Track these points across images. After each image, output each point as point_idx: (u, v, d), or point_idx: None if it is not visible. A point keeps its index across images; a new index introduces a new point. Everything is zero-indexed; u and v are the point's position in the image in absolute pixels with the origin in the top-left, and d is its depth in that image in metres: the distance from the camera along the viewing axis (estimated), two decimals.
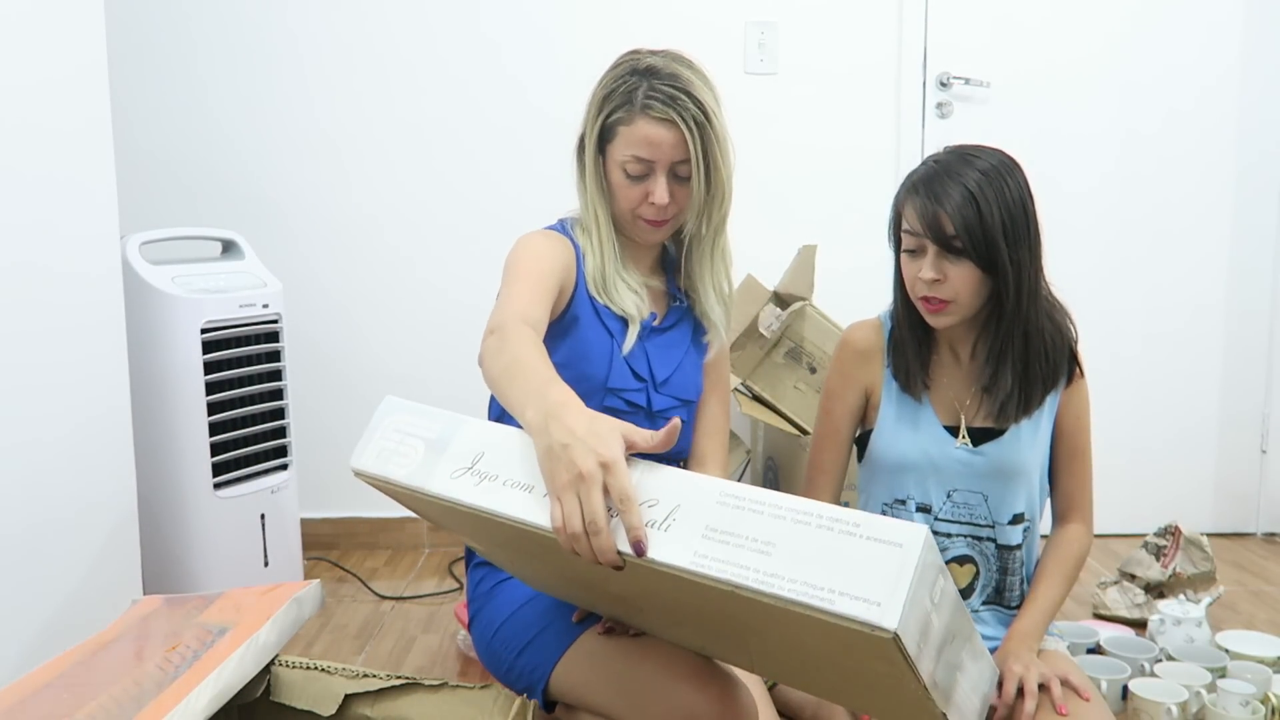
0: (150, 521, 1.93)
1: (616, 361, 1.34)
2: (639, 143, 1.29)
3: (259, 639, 0.92)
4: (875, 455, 1.43)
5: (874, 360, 1.44)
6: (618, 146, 1.31)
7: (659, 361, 1.39)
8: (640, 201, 1.32)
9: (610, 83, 1.33)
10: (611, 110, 1.31)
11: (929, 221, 1.30)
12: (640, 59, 1.32)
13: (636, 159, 1.29)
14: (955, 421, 1.40)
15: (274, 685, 0.97)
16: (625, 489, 0.82)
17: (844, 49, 2.63)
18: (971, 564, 1.41)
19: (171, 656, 0.90)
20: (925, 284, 1.33)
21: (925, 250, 1.32)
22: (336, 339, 2.65)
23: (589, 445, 0.83)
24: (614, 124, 1.31)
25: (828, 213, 2.66)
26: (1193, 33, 2.65)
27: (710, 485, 0.83)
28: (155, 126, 2.57)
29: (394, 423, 0.97)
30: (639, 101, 1.28)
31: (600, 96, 1.34)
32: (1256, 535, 2.79)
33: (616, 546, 0.82)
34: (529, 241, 1.32)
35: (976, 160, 1.31)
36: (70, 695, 0.85)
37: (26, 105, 1.45)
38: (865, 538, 0.76)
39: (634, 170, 1.30)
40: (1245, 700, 1.57)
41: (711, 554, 0.79)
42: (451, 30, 2.58)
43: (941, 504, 1.40)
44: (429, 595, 2.36)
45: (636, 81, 1.30)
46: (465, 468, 0.91)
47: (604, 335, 1.35)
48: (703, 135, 1.28)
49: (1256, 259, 2.72)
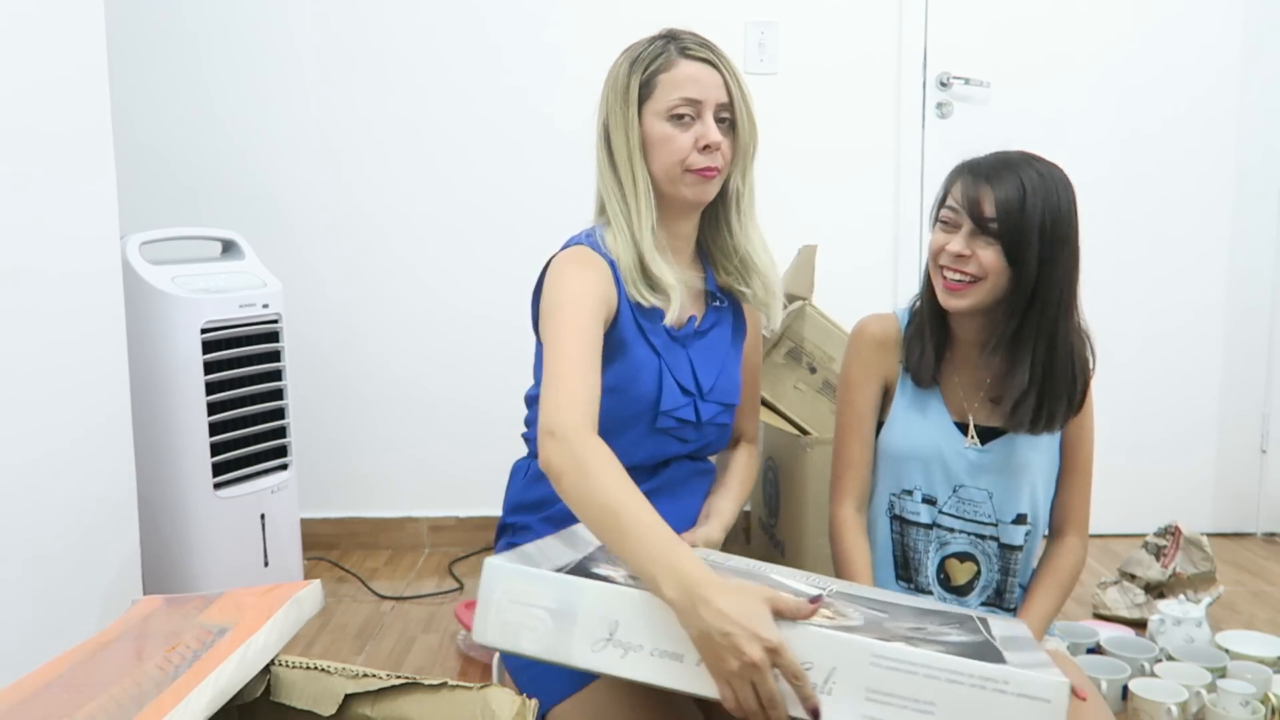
0: (150, 521, 1.93)
1: (666, 381, 1.32)
2: (685, 83, 1.29)
3: (259, 639, 0.92)
4: (885, 446, 1.44)
5: (890, 351, 1.45)
6: (660, 96, 1.30)
7: (703, 368, 1.37)
8: (689, 150, 1.29)
9: (633, 52, 1.34)
10: (648, 65, 1.31)
11: (971, 197, 1.31)
12: (657, 34, 1.35)
13: (685, 100, 1.28)
14: (965, 419, 1.42)
15: (274, 685, 0.97)
16: (794, 668, 0.88)
17: (844, 49, 2.63)
18: (973, 561, 1.42)
19: (171, 656, 0.90)
20: (951, 257, 1.33)
21: (960, 226, 1.33)
22: (337, 339, 2.65)
23: (750, 631, 0.88)
24: (653, 75, 1.30)
25: (828, 212, 2.66)
26: (1193, 33, 2.65)
27: (860, 646, 0.89)
28: (155, 126, 2.57)
29: (506, 592, 0.98)
30: (675, 49, 1.31)
31: (626, 65, 1.33)
32: (1256, 535, 2.79)
33: (789, 713, 0.90)
34: (566, 281, 1.24)
35: (1039, 164, 1.34)
36: (70, 695, 0.85)
37: (27, 105, 1.45)
38: (1016, 694, 0.85)
39: (684, 112, 1.29)
40: (1245, 700, 1.57)
41: (877, 715, 0.88)
42: (451, 31, 2.58)
43: (947, 498, 1.41)
44: (429, 595, 2.36)
45: (664, 40, 1.32)
46: (604, 639, 0.94)
47: (650, 355, 1.32)
48: (739, 80, 1.32)
49: (1256, 259, 2.72)
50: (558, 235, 1.43)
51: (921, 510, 1.42)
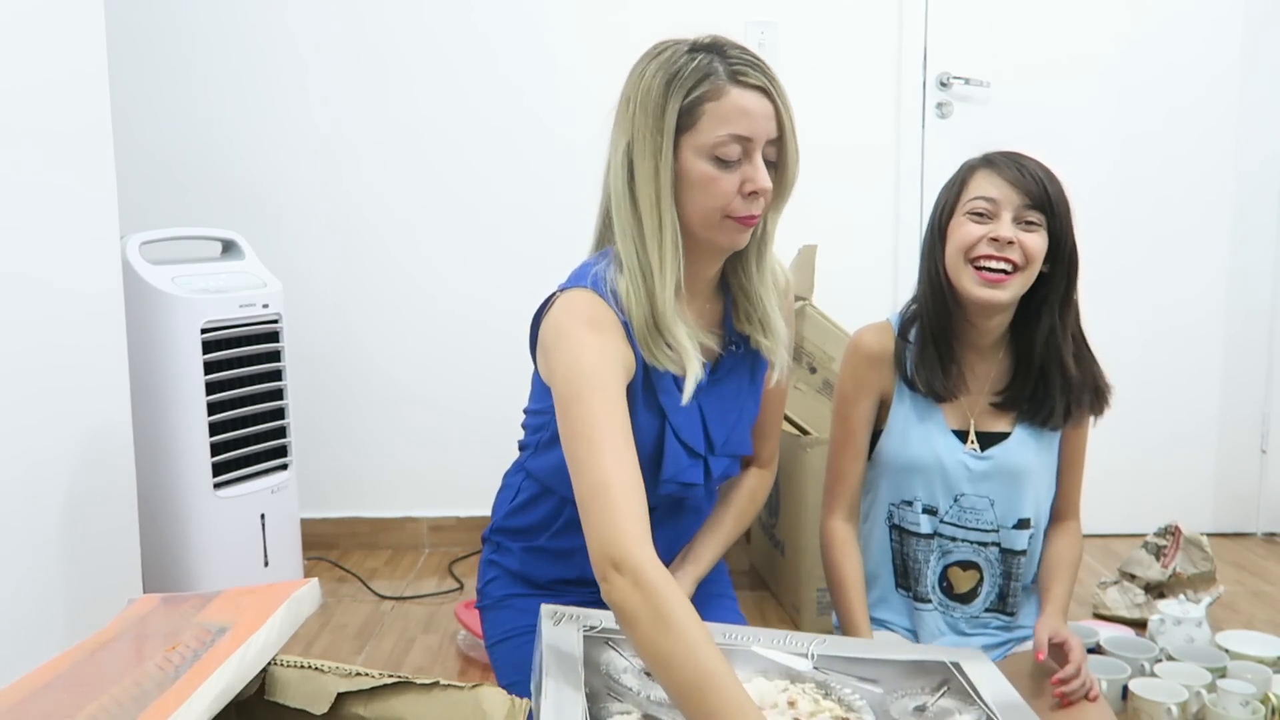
0: (150, 521, 1.93)
1: (670, 447, 1.19)
2: (736, 116, 1.08)
3: (259, 638, 0.92)
4: (884, 456, 1.42)
5: (886, 364, 1.41)
6: (705, 130, 1.09)
7: (715, 421, 1.24)
8: (733, 196, 1.10)
9: (668, 66, 1.10)
10: (691, 88, 1.08)
11: (1017, 182, 1.30)
12: (688, 42, 1.13)
13: (735, 137, 1.08)
14: (964, 426, 1.40)
15: (268, 683, 0.97)
16: None
17: (844, 49, 2.63)
18: (975, 570, 1.41)
19: (171, 656, 0.90)
20: (995, 245, 1.29)
21: (996, 216, 1.31)
22: (337, 339, 2.65)
23: None
24: (697, 102, 1.08)
25: (827, 212, 2.66)
26: (1193, 32, 2.65)
27: None
28: (155, 126, 2.57)
29: None
30: (724, 71, 1.08)
31: (663, 80, 1.10)
32: (1256, 535, 2.79)
33: None
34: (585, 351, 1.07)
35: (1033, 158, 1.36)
36: (70, 695, 0.85)
37: (27, 105, 1.45)
38: None
39: (730, 154, 1.09)
40: (1245, 700, 1.57)
41: None
42: (451, 33, 2.58)
43: (948, 508, 1.40)
44: (429, 595, 2.36)
45: (707, 56, 1.10)
46: None
47: (654, 419, 1.18)
48: (789, 105, 1.12)
49: (1257, 259, 2.72)
50: (558, 241, 1.39)
51: (922, 520, 1.40)
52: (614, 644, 1.07)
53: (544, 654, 1.02)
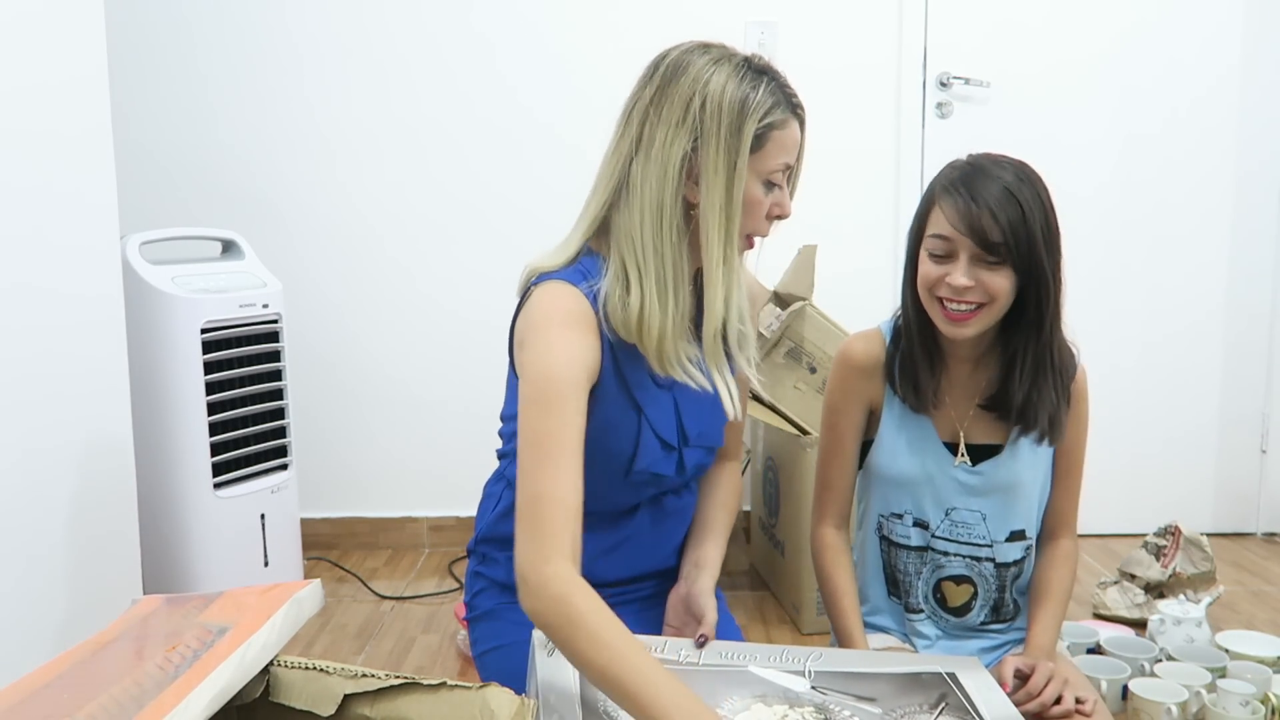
0: (150, 521, 1.93)
1: (645, 438, 1.19)
2: (790, 147, 1.15)
3: (259, 638, 0.92)
4: (874, 467, 1.40)
5: (875, 374, 1.38)
6: (769, 155, 1.14)
7: (690, 414, 1.24)
8: (762, 216, 1.17)
9: (739, 82, 1.11)
10: (766, 113, 1.12)
11: (971, 223, 1.21)
12: (728, 52, 1.16)
13: (786, 166, 1.16)
14: (954, 438, 1.37)
15: (273, 685, 0.97)
16: None
17: (844, 49, 2.63)
18: (969, 584, 1.38)
19: (171, 656, 0.90)
20: (955, 290, 1.24)
21: (956, 255, 1.24)
22: (336, 339, 2.65)
23: None
24: (769, 129, 1.12)
25: (827, 213, 2.66)
26: (1193, 33, 2.65)
27: None
28: (155, 126, 2.57)
29: None
30: (785, 103, 1.14)
31: (738, 99, 1.10)
32: (1256, 535, 2.79)
33: None
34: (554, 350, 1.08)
35: (1008, 164, 1.26)
36: (70, 695, 0.85)
37: (27, 105, 1.45)
38: None
39: (779, 180, 1.17)
40: (1245, 700, 1.57)
41: None
42: (450, 32, 2.58)
43: (939, 521, 1.37)
44: (429, 595, 2.36)
45: (766, 79, 1.14)
46: None
47: (628, 411, 1.18)
48: None
49: (1257, 260, 2.72)
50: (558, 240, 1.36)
51: (913, 534, 1.37)
52: None
53: (540, 694, 1.02)
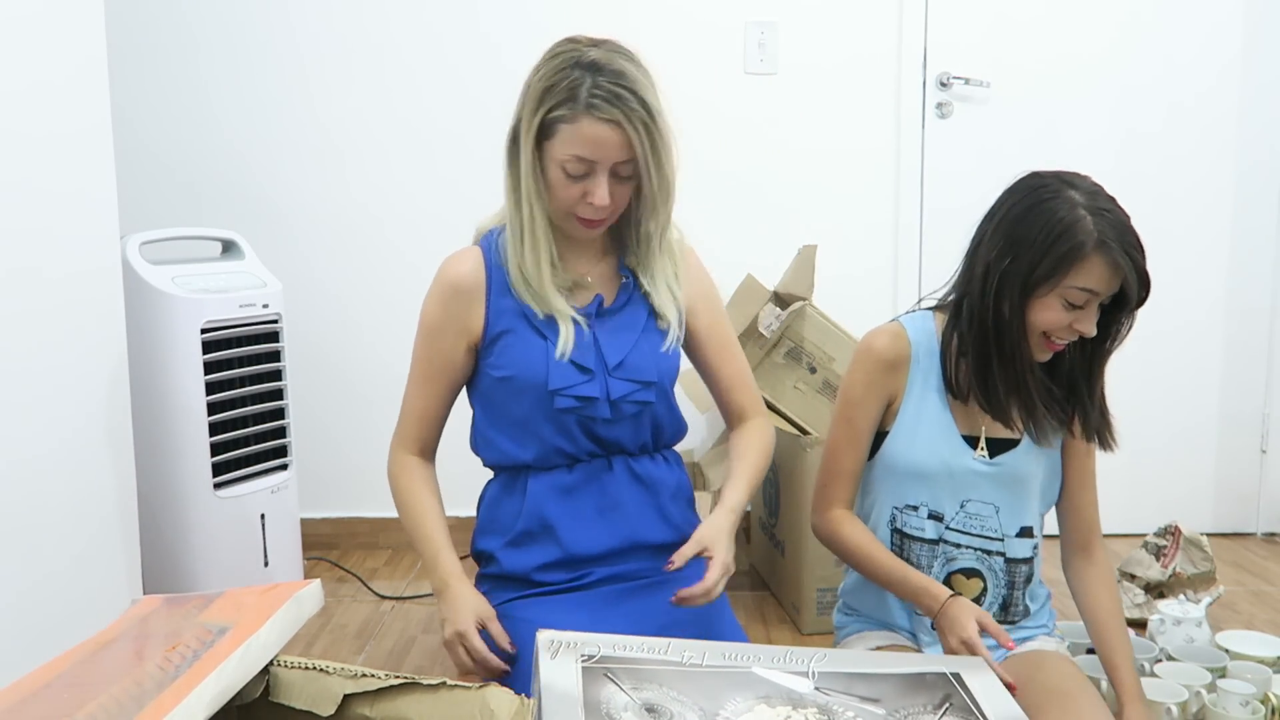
0: (150, 521, 1.93)
1: (554, 363, 1.32)
2: (582, 142, 1.23)
3: (259, 638, 0.92)
4: (889, 459, 1.40)
5: (901, 369, 1.39)
6: (558, 144, 1.25)
7: (611, 346, 1.35)
8: (577, 200, 1.27)
9: (550, 75, 1.26)
10: (553, 106, 1.25)
11: (1125, 284, 1.27)
12: (582, 52, 1.27)
13: (578, 159, 1.24)
14: (974, 431, 1.38)
15: (273, 685, 0.97)
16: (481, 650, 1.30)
17: (844, 49, 2.63)
18: (979, 578, 1.39)
19: (171, 656, 0.90)
20: (1073, 333, 1.30)
21: (1091, 305, 1.28)
22: (336, 339, 2.65)
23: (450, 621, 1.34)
24: (555, 120, 1.25)
25: (827, 213, 2.66)
26: (1193, 31, 2.65)
27: None
28: (155, 126, 2.57)
29: None
30: (583, 99, 1.22)
31: (540, 90, 1.27)
32: (1256, 535, 2.79)
33: None
34: (425, 308, 1.41)
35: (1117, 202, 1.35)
36: (70, 695, 0.85)
37: (27, 106, 1.45)
38: None
39: (574, 170, 1.25)
40: (1245, 700, 1.57)
41: None
42: (451, 30, 2.58)
43: (954, 514, 1.38)
44: (429, 595, 2.35)
45: (580, 77, 1.24)
46: None
47: (536, 340, 1.33)
48: (649, 135, 1.24)
49: (1257, 258, 2.72)
50: None
51: (927, 526, 1.38)
52: (613, 676, 1.07)
53: (542, 697, 1.02)
